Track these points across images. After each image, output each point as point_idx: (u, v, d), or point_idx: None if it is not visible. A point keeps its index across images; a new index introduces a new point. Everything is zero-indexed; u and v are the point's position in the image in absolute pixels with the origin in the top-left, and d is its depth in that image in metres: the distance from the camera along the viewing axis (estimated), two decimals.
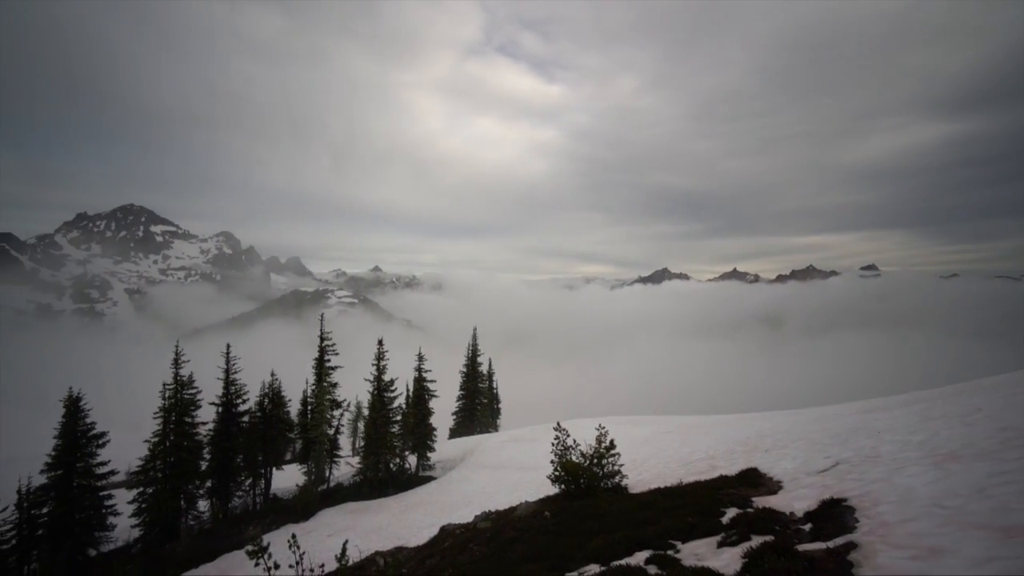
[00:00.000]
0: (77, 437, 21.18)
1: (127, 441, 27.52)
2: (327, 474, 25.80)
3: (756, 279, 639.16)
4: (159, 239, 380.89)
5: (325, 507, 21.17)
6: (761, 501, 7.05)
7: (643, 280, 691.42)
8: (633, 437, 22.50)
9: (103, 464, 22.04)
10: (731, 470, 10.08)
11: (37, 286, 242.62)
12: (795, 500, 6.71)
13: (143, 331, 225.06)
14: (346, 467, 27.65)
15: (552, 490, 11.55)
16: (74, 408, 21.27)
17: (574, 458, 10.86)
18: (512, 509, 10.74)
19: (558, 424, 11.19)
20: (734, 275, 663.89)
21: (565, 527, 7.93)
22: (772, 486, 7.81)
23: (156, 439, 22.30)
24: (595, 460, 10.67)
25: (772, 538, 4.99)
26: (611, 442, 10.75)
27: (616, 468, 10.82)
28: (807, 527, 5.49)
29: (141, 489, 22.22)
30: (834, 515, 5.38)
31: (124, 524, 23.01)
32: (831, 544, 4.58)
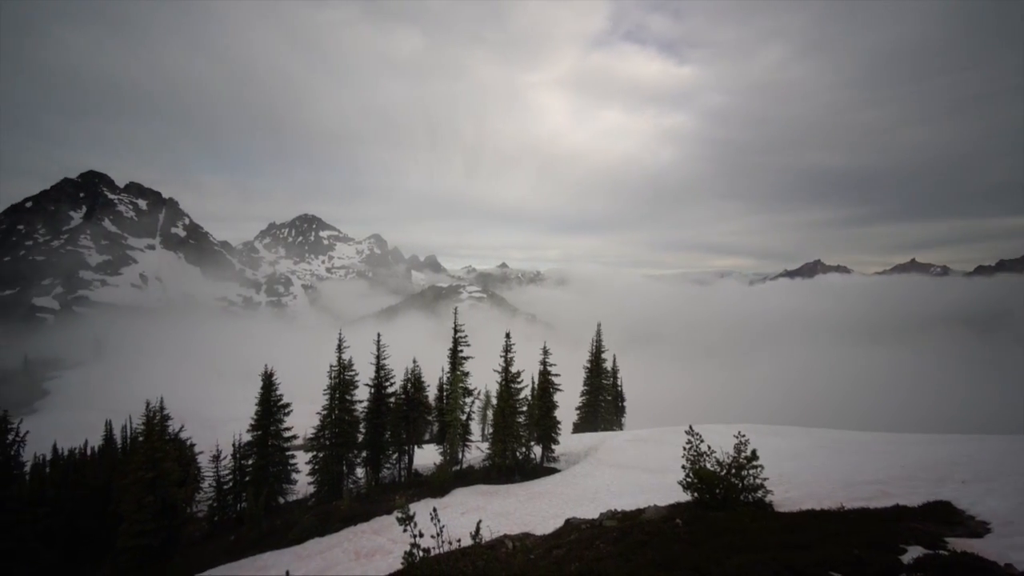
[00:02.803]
0: (270, 405, 26.01)
1: (304, 412, 32.99)
2: (460, 456, 27.83)
3: (945, 271, 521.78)
4: (325, 243, 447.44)
5: (458, 486, 22.85)
6: (959, 543, 5.77)
7: (790, 274, 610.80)
8: (777, 449, 20.16)
9: (288, 429, 26.76)
10: (911, 500, 8.45)
11: (243, 283, 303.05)
12: (1012, 549, 5.37)
13: (315, 320, 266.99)
14: (476, 451, 29.48)
15: (682, 497, 10.92)
16: (268, 382, 26.13)
17: (708, 466, 10.11)
18: (640, 511, 10.40)
19: (690, 428, 10.52)
20: (913, 267, 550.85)
21: (699, 538, 7.43)
22: (974, 527, 6.35)
23: (325, 412, 26.26)
24: (733, 470, 9.81)
25: None
26: (753, 452, 9.77)
27: (759, 481, 9.81)
28: None
29: (314, 453, 26.41)
30: None
31: (302, 481, 27.68)
32: None
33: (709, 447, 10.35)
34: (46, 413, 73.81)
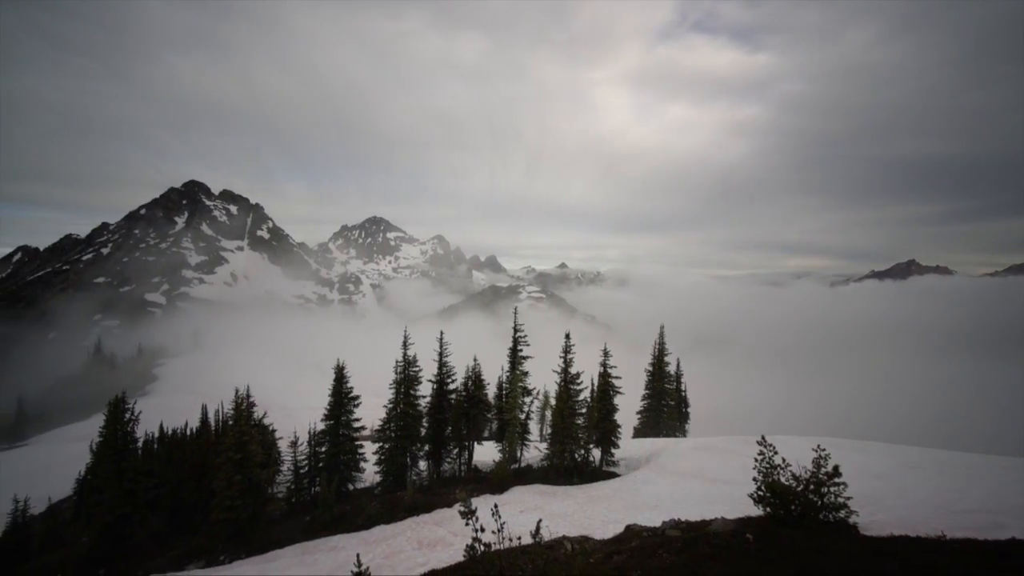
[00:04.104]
0: (342, 397, 27.63)
1: (371, 404, 34.73)
2: (518, 455, 28.05)
3: None
4: (392, 244, 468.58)
5: (517, 484, 23.04)
6: None
7: (878, 275, 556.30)
8: (862, 466, 18.48)
9: (357, 420, 28.29)
10: None
11: (318, 282, 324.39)
12: None
13: (382, 318, 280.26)
14: (535, 451, 29.58)
15: (752, 510, 10.31)
16: (340, 375, 27.77)
17: (783, 480, 9.48)
18: (706, 522, 9.97)
19: (762, 438, 9.91)
20: None
21: (773, 556, 7.00)
22: None
23: (391, 406, 27.47)
24: (811, 486, 9.13)
25: None
26: (835, 468, 9.03)
27: (842, 500, 9.05)
28: None
29: (380, 444, 27.72)
30: None
31: (370, 470, 29.15)
32: None
33: (784, 459, 9.70)
34: (155, 396, 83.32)
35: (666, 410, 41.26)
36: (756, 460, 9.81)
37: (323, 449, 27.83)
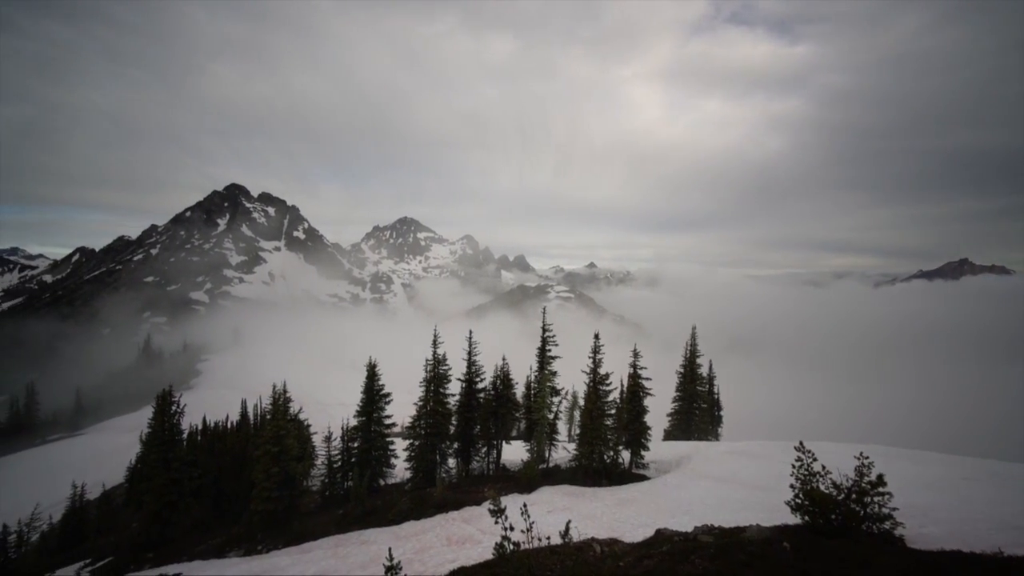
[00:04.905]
0: (374, 394, 28.25)
1: (402, 402, 35.34)
2: (547, 455, 28.00)
3: None
4: (422, 244, 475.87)
5: (545, 484, 23.00)
6: None
7: (927, 274, 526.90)
8: (910, 476, 17.56)
9: (388, 417, 28.87)
10: None
11: (351, 281, 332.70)
12: None
13: (412, 316, 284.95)
14: (563, 451, 29.45)
15: (789, 518, 9.97)
16: (372, 372, 28.40)
17: (822, 487, 9.13)
18: (740, 529, 9.70)
19: (801, 444, 9.56)
20: None
21: (812, 566, 6.76)
22: None
23: (421, 403, 27.88)
24: (853, 495, 8.75)
25: None
26: (879, 477, 8.63)
27: (887, 511, 8.64)
28: None
29: (411, 441, 28.20)
30: None
31: (400, 466, 29.69)
32: None
33: (824, 467, 9.34)
34: (198, 390, 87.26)
35: (698, 413, 40.33)
36: (794, 466, 9.49)
37: (355, 444, 28.52)
